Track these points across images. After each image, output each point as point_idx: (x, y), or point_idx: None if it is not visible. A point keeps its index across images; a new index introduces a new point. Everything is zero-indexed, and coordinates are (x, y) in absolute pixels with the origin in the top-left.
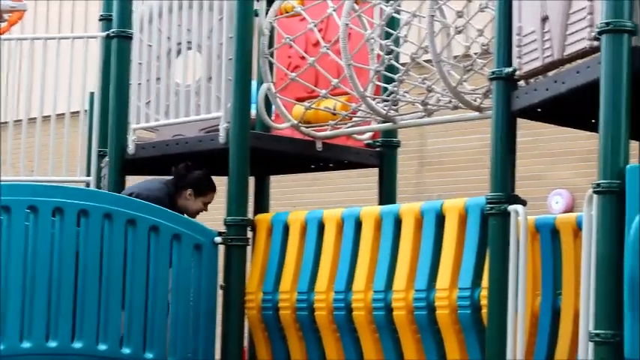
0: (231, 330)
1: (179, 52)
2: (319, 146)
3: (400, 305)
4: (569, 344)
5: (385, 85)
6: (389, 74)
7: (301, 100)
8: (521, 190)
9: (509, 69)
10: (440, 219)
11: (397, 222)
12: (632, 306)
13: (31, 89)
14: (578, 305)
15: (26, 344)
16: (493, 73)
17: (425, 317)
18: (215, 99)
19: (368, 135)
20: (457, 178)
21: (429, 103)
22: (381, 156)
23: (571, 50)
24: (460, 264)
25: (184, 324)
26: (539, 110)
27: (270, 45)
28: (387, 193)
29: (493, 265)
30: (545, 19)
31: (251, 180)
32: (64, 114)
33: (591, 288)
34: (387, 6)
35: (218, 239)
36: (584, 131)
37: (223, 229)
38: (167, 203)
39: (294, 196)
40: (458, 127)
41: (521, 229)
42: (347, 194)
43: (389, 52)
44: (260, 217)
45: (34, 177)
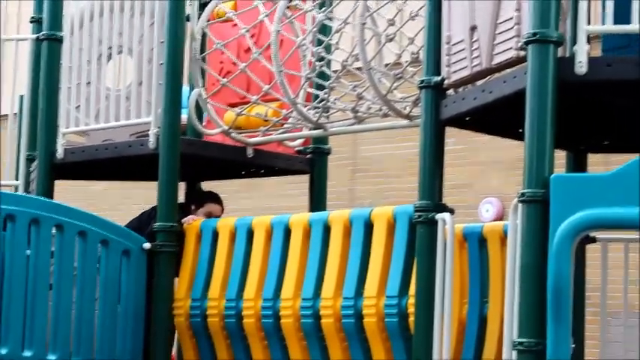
0: (158, 336)
1: (110, 56)
2: (250, 152)
3: (328, 313)
4: (495, 352)
5: (316, 92)
6: (320, 81)
7: (233, 106)
8: (452, 198)
9: (438, 78)
10: (368, 227)
11: (326, 229)
12: (554, 315)
13: None
14: (504, 313)
15: None
16: (422, 82)
17: (353, 325)
18: (145, 104)
19: (299, 142)
20: (389, 186)
21: (360, 111)
22: (312, 163)
23: (499, 60)
24: (388, 272)
25: (111, 330)
26: (467, 119)
27: (202, 50)
28: (318, 200)
29: (420, 273)
30: (473, 29)
31: (182, 186)
32: None
33: (515, 296)
34: (319, 13)
35: (147, 245)
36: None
37: None
38: None
39: (229, 202)
40: (390, 135)
41: (448, 238)
42: (282, 200)
43: (320, 59)
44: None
45: None
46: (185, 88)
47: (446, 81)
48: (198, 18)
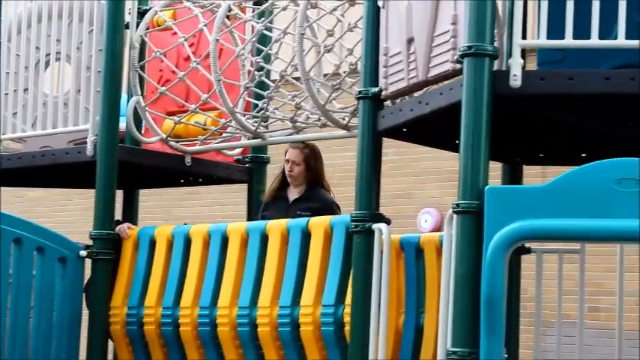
0: (95, 344)
1: (48, 63)
2: (188, 161)
3: (264, 322)
4: None
5: (255, 102)
6: (259, 91)
7: (172, 115)
8: (392, 208)
9: (375, 89)
10: (306, 236)
11: (263, 238)
12: (487, 325)
13: None
14: (439, 323)
15: None
16: (360, 93)
17: (289, 334)
18: (83, 111)
19: (237, 151)
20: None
21: (298, 121)
22: (250, 172)
23: (435, 72)
24: (325, 281)
25: (46, 337)
26: (404, 130)
27: (141, 58)
28: (257, 209)
29: (357, 283)
30: (410, 41)
31: (120, 193)
32: None
33: (450, 306)
34: (258, 23)
35: (83, 253)
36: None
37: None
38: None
39: (168, 211)
40: (330, 145)
41: (384, 248)
42: (222, 209)
43: (259, 69)
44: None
45: None
46: (124, 96)
47: (383, 92)
48: (137, 26)
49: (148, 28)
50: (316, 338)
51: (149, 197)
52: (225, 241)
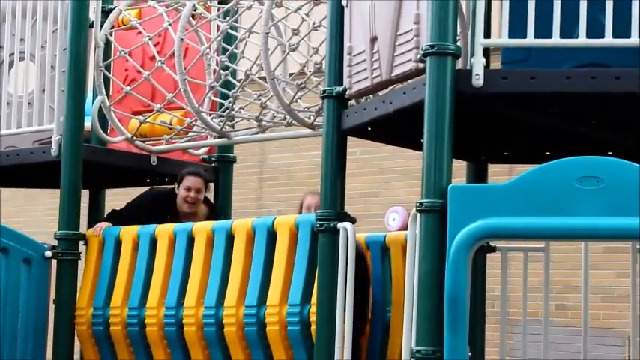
0: (60, 344)
1: (12, 63)
2: (154, 160)
3: (231, 321)
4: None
5: (221, 101)
6: (224, 90)
7: (138, 114)
8: (359, 207)
9: (339, 88)
10: (271, 235)
11: (229, 238)
12: (451, 323)
13: None
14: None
15: None
16: (324, 92)
17: (255, 333)
18: (48, 111)
19: (203, 150)
20: (297, 194)
21: (264, 120)
22: (217, 171)
23: (398, 71)
24: (290, 280)
25: (12, 337)
26: (369, 129)
27: (106, 57)
28: (223, 208)
29: (322, 282)
30: (374, 40)
31: (85, 193)
32: None
33: (414, 305)
34: (223, 22)
35: (48, 253)
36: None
37: None
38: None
39: None
40: (298, 144)
41: (349, 247)
42: None
43: (225, 68)
44: (92, 232)
45: None
46: (90, 96)
47: (348, 91)
48: (101, 25)
49: (113, 27)
50: (282, 338)
51: (115, 197)
52: (191, 241)
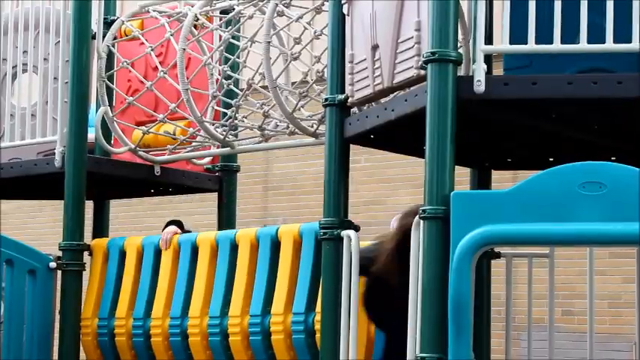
0: (66, 356)
1: (15, 75)
2: (158, 171)
3: (235, 331)
4: None
5: (224, 110)
6: (227, 99)
7: (141, 124)
8: (364, 215)
9: (341, 96)
10: (275, 244)
11: (233, 247)
12: (455, 330)
13: None
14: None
15: None
16: (326, 100)
17: (260, 342)
18: (52, 122)
19: (207, 160)
20: (302, 203)
21: (267, 129)
22: (220, 180)
23: (400, 78)
24: (295, 289)
25: (17, 349)
26: (371, 137)
27: (109, 68)
28: (227, 218)
29: (326, 290)
30: (375, 48)
31: (90, 204)
32: None
33: (418, 312)
34: (225, 31)
35: (53, 264)
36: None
37: None
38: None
39: (139, 221)
40: (302, 152)
41: (353, 254)
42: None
43: (227, 77)
44: (96, 242)
45: None
46: (93, 107)
47: (350, 99)
48: (104, 36)
49: (115, 38)
50: (287, 346)
51: (120, 207)
52: (195, 251)
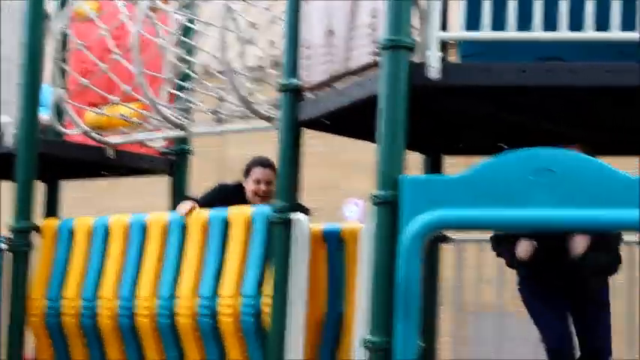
0: (13, 336)
1: None
2: (110, 153)
3: (184, 312)
4: (351, 351)
5: (178, 94)
6: (182, 83)
7: (96, 106)
8: (319, 199)
9: (295, 80)
10: (226, 227)
11: (184, 229)
12: (403, 314)
13: None
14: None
15: None
16: (281, 84)
17: (208, 324)
18: (4, 104)
19: (161, 142)
20: None
21: (221, 112)
22: (173, 163)
23: (355, 64)
24: (245, 272)
25: None
26: (325, 121)
27: (64, 49)
28: (180, 200)
29: (276, 274)
30: (331, 33)
31: (41, 186)
32: None
33: (367, 296)
34: (182, 15)
35: (3, 245)
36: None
37: None
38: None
39: (91, 203)
40: (258, 137)
41: (302, 238)
42: (147, 200)
43: (183, 61)
44: (46, 223)
45: None
46: (47, 88)
47: (304, 84)
48: (58, 18)
49: (70, 20)
50: (236, 329)
51: (72, 189)
52: (145, 232)
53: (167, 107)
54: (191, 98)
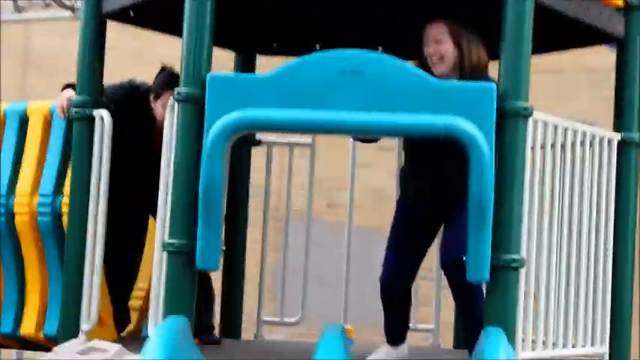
0: None
1: None
2: None
3: None
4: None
5: None
6: None
7: None
8: None
9: None
10: (24, 122)
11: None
12: (205, 216)
13: None
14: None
15: None
16: None
17: (4, 225)
18: None
19: None
20: (62, 81)
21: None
22: None
23: None
24: (42, 170)
25: None
26: (130, 13)
27: None
28: None
29: (75, 172)
30: None
31: None
32: None
33: (169, 196)
34: None
35: None
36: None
37: None
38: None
39: None
40: (63, 28)
41: (105, 135)
42: None
43: None
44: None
45: None
46: None
47: None
48: None
49: None
50: (32, 229)
51: None
52: None
53: None
54: None
